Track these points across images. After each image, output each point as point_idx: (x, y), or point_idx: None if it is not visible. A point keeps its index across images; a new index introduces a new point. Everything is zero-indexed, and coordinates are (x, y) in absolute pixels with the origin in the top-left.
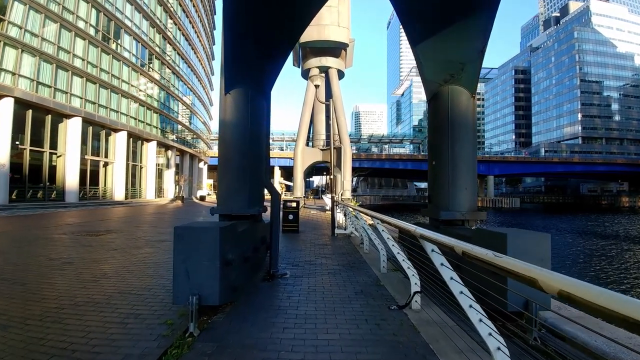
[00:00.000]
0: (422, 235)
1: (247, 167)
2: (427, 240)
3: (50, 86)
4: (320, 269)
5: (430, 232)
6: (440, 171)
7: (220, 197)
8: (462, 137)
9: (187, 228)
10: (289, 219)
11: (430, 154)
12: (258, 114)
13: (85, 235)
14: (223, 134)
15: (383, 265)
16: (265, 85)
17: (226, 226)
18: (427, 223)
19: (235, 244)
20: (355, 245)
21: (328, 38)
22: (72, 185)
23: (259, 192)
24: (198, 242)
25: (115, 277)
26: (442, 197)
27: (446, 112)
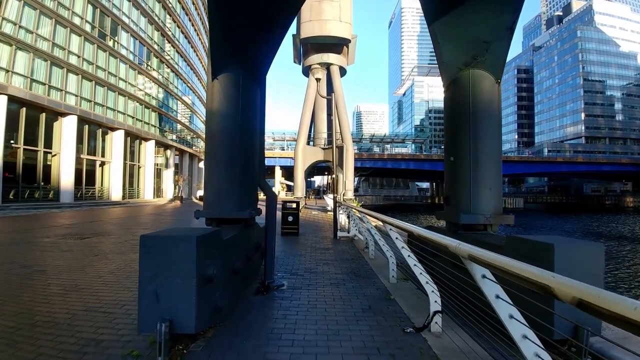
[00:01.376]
0: (472, 255)
1: (238, 163)
2: (480, 263)
3: (44, 83)
4: (321, 278)
5: (484, 252)
6: (459, 169)
7: (207, 198)
8: (485, 129)
9: (155, 238)
10: (289, 221)
11: (447, 149)
12: (250, 102)
13: (69, 239)
14: (210, 126)
15: (392, 275)
16: (259, 69)
17: (206, 235)
18: (442, 227)
19: (219, 255)
20: (359, 250)
21: (329, 33)
22: (67, 185)
23: (251, 192)
24: (169, 255)
25: (87, 290)
26: (462, 199)
27: (466, 101)
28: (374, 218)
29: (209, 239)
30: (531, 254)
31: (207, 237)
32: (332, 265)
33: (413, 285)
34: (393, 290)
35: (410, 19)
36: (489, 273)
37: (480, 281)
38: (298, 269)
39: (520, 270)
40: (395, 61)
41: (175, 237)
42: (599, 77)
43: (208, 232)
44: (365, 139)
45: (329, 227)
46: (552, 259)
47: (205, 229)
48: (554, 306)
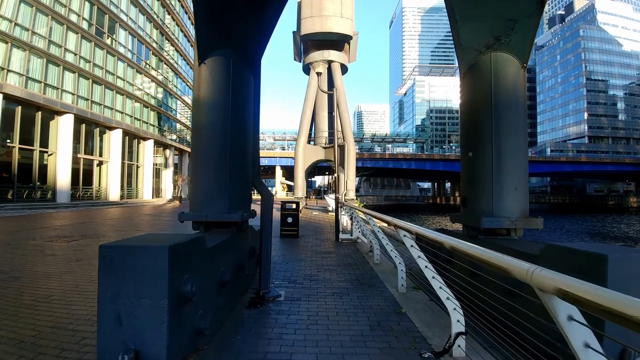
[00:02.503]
0: (563, 290)
1: (228, 159)
2: (573, 300)
3: (40, 81)
4: (322, 287)
5: (584, 285)
6: (480, 166)
7: (193, 199)
8: (509, 120)
9: (117, 248)
10: (288, 222)
11: (464, 144)
12: (243, 89)
13: (56, 242)
14: (196, 117)
15: (402, 284)
16: (253, 52)
17: (183, 243)
18: (458, 232)
19: (202, 266)
20: (363, 254)
21: (331, 30)
22: (64, 185)
23: (244, 192)
24: (135, 269)
25: (59, 301)
26: (483, 200)
27: (488, 88)
28: (380, 220)
29: (187, 248)
30: (577, 267)
31: (184, 246)
32: (334, 271)
33: (425, 295)
34: (403, 301)
35: (411, 18)
36: (578, 313)
37: (564, 324)
38: (297, 276)
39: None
40: (396, 61)
41: (142, 247)
42: (601, 76)
43: (185, 240)
44: (367, 138)
45: (330, 228)
46: (604, 273)
47: (183, 237)
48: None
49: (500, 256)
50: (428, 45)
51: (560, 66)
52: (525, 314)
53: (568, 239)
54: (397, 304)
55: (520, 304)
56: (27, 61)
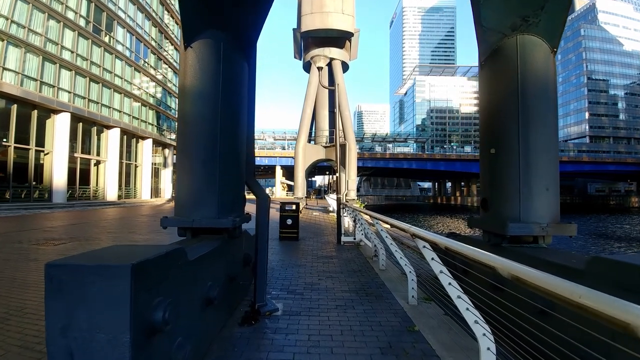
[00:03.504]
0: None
1: (218, 157)
2: None
3: (36, 79)
4: (325, 298)
5: None
6: (504, 164)
7: (178, 201)
8: (540, 111)
9: (67, 267)
10: (287, 224)
11: (484, 139)
12: (235, 77)
13: (42, 245)
14: (183, 108)
15: (413, 295)
16: (246, 35)
17: (152, 260)
18: (477, 238)
19: (181, 284)
20: (367, 258)
21: (332, 27)
22: (60, 184)
23: (236, 193)
24: (88, 295)
25: (33, 315)
26: (508, 202)
27: (514, 75)
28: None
29: (160, 264)
30: (633, 285)
31: (155, 262)
32: (336, 279)
33: (438, 307)
34: (416, 316)
35: (412, 18)
36: None
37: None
38: (297, 284)
39: None
40: (396, 60)
41: (97, 266)
42: (602, 75)
43: (158, 255)
44: (367, 138)
45: (332, 230)
46: None
47: (157, 249)
48: None
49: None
50: (428, 45)
51: (561, 66)
52: (563, 339)
53: (574, 241)
54: (409, 320)
55: (555, 325)
56: (23, 59)
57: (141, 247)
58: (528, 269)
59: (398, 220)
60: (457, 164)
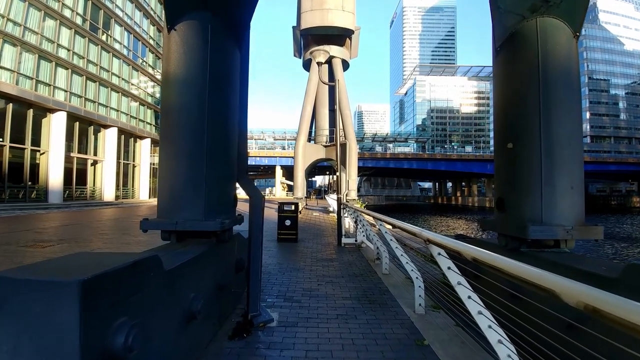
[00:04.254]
0: None
1: (205, 152)
2: None
3: (32, 78)
4: (324, 305)
5: None
6: (524, 159)
7: (161, 201)
8: (564, 100)
9: (9, 282)
10: (286, 225)
11: (500, 132)
12: (225, 65)
13: (30, 247)
14: (166, 98)
15: (420, 303)
16: (237, 17)
17: (111, 272)
18: (491, 242)
19: (153, 300)
20: (368, 261)
21: (332, 24)
22: (56, 184)
23: (226, 193)
24: (32, 316)
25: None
26: (528, 203)
27: (534, 61)
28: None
29: (123, 278)
30: None
31: (116, 276)
32: (337, 284)
33: (447, 317)
34: (424, 327)
35: (412, 18)
36: None
37: None
38: (294, 290)
39: None
40: (396, 60)
41: (42, 282)
42: (603, 75)
43: (121, 266)
44: (367, 138)
45: (332, 230)
46: None
47: (124, 257)
48: None
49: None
50: (429, 45)
51: None
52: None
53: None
54: (417, 332)
55: (586, 342)
56: (19, 57)
57: (109, 256)
58: (615, 300)
59: (406, 223)
60: (458, 164)
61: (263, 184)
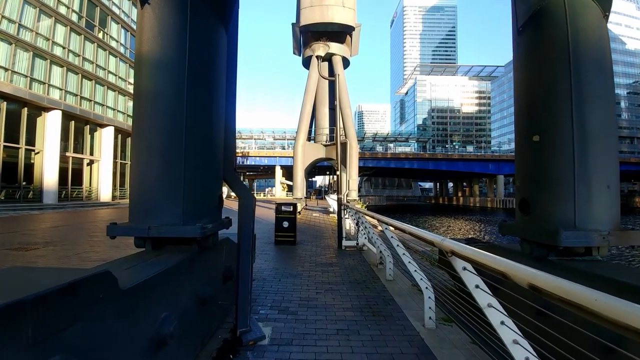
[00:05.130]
0: None
1: (184, 144)
2: None
3: (26, 76)
4: (323, 318)
5: None
6: (553, 154)
7: (132, 203)
8: (596, 88)
9: None
10: (284, 227)
11: (523, 123)
12: (207, 46)
13: (14, 250)
14: (138, 81)
15: (430, 316)
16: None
17: (29, 302)
18: (510, 248)
19: (103, 327)
20: (371, 265)
21: (332, 20)
22: (51, 184)
23: (208, 193)
24: None
25: None
26: (559, 205)
27: (563, 42)
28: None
29: (47, 307)
30: None
31: (35, 304)
32: (337, 292)
33: (461, 332)
34: (436, 345)
35: (413, 17)
36: None
37: None
38: (290, 299)
39: None
40: (397, 60)
41: None
42: None
43: (50, 291)
44: (368, 138)
45: (332, 232)
46: None
47: (59, 276)
48: None
49: None
50: (429, 45)
51: None
52: None
53: None
54: (429, 351)
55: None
56: (13, 55)
57: (47, 272)
58: None
59: (420, 228)
60: (459, 164)
61: (263, 184)
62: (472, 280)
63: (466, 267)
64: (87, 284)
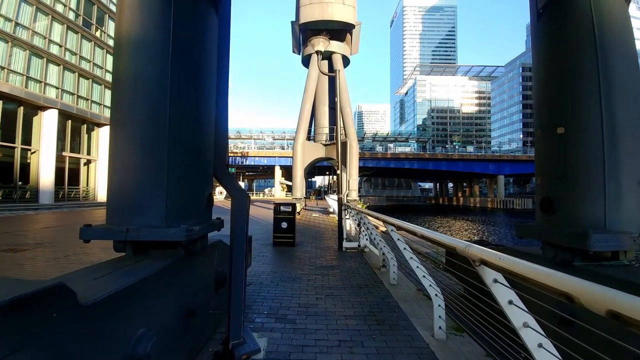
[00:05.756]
0: None
1: (168, 138)
2: None
3: (22, 74)
4: (324, 327)
5: None
6: (581, 147)
7: (110, 203)
8: (624, 76)
9: None
10: (282, 228)
11: (545, 114)
12: (194, 25)
13: (3, 251)
14: (117, 69)
15: (440, 326)
16: None
17: None
18: (530, 252)
19: (59, 355)
20: (373, 268)
21: (332, 18)
22: (47, 184)
23: (196, 191)
24: None
25: None
26: (587, 204)
27: (588, 26)
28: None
29: None
30: None
31: None
32: (339, 298)
33: (474, 343)
34: (447, 358)
35: (412, 17)
36: None
37: None
38: (289, 306)
39: None
40: (397, 60)
41: None
42: None
43: None
44: (368, 138)
45: (332, 233)
46: None
47: (18, 289)
48: None
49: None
50: (429, 45)
51: None
52: None
53: None
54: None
55: None
56: (9, 53)
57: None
58: None
59: (436, 232)
60: (459, 164)
61: (262, 185)
62: (505, 295)
63: (498, 279)
64: (36, 300)
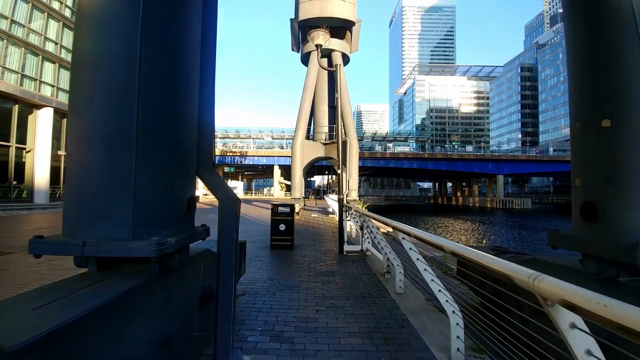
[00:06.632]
0: None
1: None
2: None
3: (17, 72)
4: (324, 348)
5: None
6: (629, 141)
7: (66, 209)
8: None
9: None
10: (280, 230)
11: (583, 105)
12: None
13: None
14: (77, 47)
15: (458, 347)
16: None
17: None
18: (564, 264)
19: None
20: (376, 274)
21: (332, 15)
22: (42, 184)
23: (172, 195)
24: None
25: None
26: (638, 210)
27: (627, 7)
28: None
29: None
30: None
31: None
32: (341, 310)
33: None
34: None
35: (411, 17)
36: None
37: None
38: (286, 320)
39: None
40: (395, 60)
41: None
42: None
43: None
44: (367, 137)
45: (332, 234)
46: None
47: None
48: None
49: None
50: (428, 45)
51: (563, 65)
52: None
53: None
54: None
55: None
56: (4, 51)
57: None
58: None
59: (470, 248)
60: (458, 164)
61: (261, 184)
62: (582, 343)
63: (577, 324)
64: None
